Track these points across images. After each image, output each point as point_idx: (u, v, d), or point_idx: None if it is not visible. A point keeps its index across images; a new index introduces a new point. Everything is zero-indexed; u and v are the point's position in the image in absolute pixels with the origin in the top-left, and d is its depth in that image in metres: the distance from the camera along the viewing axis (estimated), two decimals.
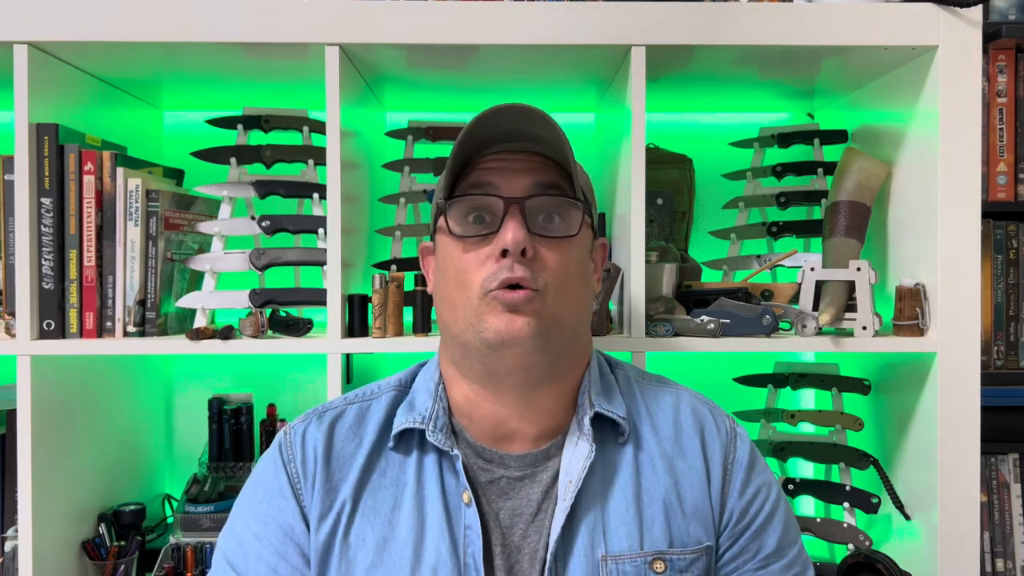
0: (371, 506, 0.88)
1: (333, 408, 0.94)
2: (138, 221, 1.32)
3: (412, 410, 0.91)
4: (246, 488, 0.92)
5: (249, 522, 0.89)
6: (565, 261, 0.85)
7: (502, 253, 0.82)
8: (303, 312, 1.34)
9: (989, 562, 1.47)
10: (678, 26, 1.24)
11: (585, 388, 0.91)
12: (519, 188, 0.85)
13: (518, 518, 0.88)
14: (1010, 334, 1.48)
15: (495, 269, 0.82)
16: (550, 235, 0.85)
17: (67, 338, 1.27)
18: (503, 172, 0.86)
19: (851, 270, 1.32)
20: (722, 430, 0.94)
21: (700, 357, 1.69)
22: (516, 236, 0.81)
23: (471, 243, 0.85)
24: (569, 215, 0.87)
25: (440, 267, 0.89)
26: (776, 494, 0.93)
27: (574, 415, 0.90)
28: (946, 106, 1.24)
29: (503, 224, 0.83)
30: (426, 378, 0.94)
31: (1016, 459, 1.50)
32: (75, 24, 1.22)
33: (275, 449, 0.92)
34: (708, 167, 1.68)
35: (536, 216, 0.85)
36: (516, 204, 0.83)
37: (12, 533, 1.33)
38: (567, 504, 0.85)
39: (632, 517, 0.87)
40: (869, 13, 1.24)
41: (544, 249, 0.84)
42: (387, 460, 0.90)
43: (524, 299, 0.81)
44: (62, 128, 1.27)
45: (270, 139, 1.55)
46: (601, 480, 0.88)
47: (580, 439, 0.88)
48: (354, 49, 1.27)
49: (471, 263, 0.84)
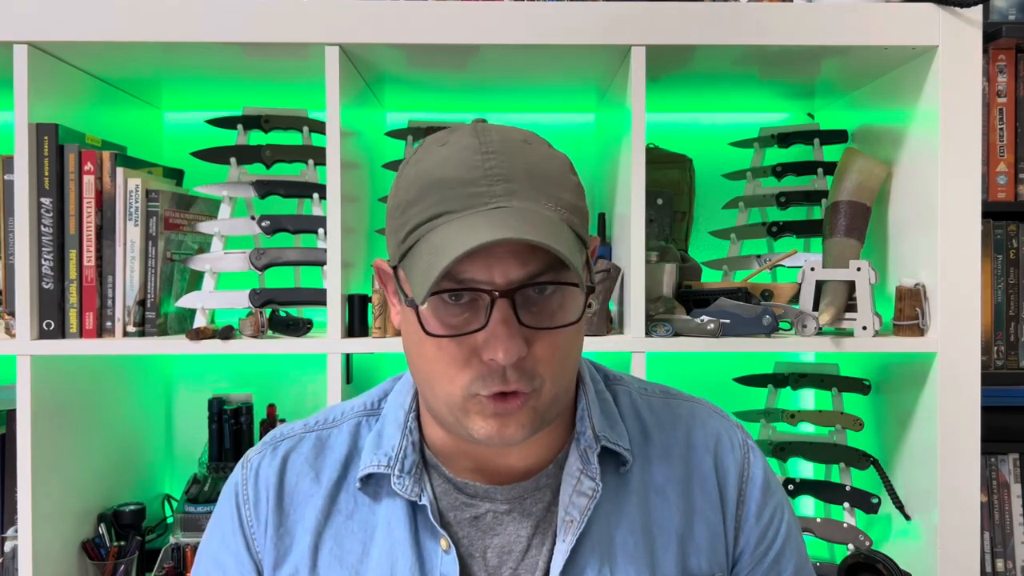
0: (337, 554, 0.78)
1: (290, 437, 0.84)
2: (138, 221, 1.32)
3: (378, 448, 0.80)
4: (212, 519, 0.85)
5: (208, 565, 0.83)
6: (562, 347, 0.72)
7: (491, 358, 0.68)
8: (303, 312, 1.34)
9: (989, 562, 1.47)
10: (678, 26, 1.24)
11: (584, 413, 0.80)
12: (506, 275, 0.68)
13: (507, 556, 0.78)
14: (1010, 334, 1.48)
15: (482, 373, 0.69)
16: (544, 326, 0.70)
17: (67, 338, 1.27)
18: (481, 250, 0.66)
19: (851, 270, 1.32)
20: (736, 445, 0.85)
21: (700, 357, 1.69)
22: (509, 352, 0.67)
23: (449, 340, 0.69)
24: (569, 300, 0.71)
25: (410, 334, 0.74)
26: (789, 515, 0.86)
27: (571, 440, 0.80)
28: (946, 106, 1.24)
29: (489, 324, 0.67)
30: (396, 406, 0.83)
31: (1016, 459, 1.50)
32: (75, 24, 1.22)
33: (231, 487, 0.84)
34: (708, 167, 1.68)
35: (529, 304, 0.69)
36: (505, 298, 0.67)
37: (12, 533, 1.33)
38: (567, 547, 0.76)
39: (642, 552, 0.78)
40: (869, 13, 1.24)
41: (538, 341, 0.70)
42: (355, 501, 0.80)
43: (518, 406, 0.70)
44: (62, 128, 1.26)
45: (270, 139, 1.55)
46: (605, 515, 0.79)
47: (583, 475, 0.78)
48: (354, 49, 1.27)
49: (454, 359, 0.70)
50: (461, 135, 0.72)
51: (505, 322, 0.67)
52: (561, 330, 0.71)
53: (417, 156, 0.73)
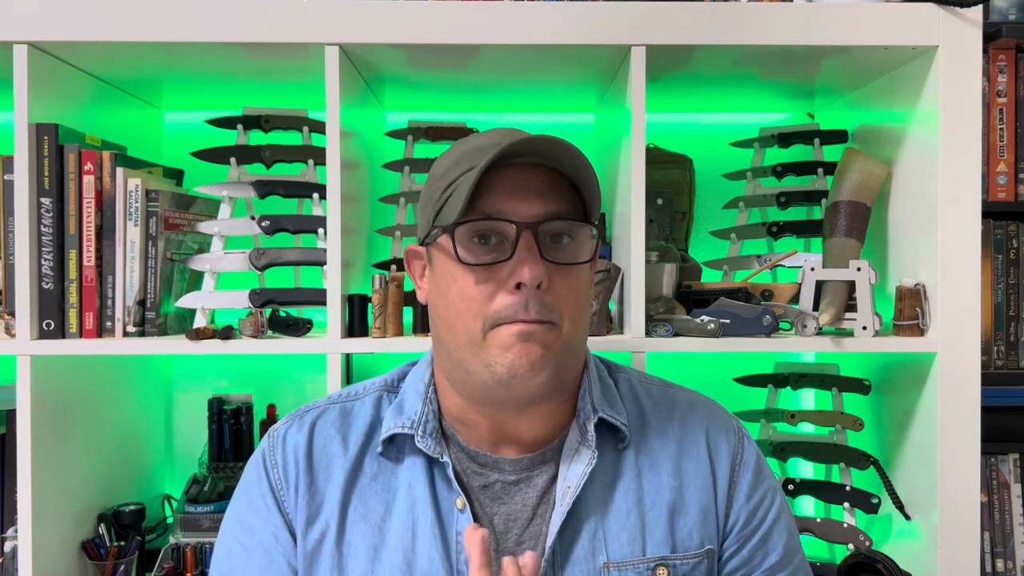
0: (361, 512, 0.85)
1: (315, 408, 0.91)
2: (138, 221, 1.32)
3: (401, 413, 0.87)
4: (236, 493, 0.90)
5: (236, 530, 0.87)
6: (577, 288, 0.82)
7: (516, 285, 0.78)
8: (303, 312, 1.34)
9: (989, 562, 1.47)
10: (678, 26, 1.24)
11: (585, 392, 0.88)
12: (530, 211, 0.79)
13: (513, 523, 0.85)
14: (1010, 334, 1.48)
15: (508, 302, 0.78)
16: (563, 262, 0.80)
17: (67, 338, 1.27)
18: (510, 192, 0.79)
19: (851, 270, 1.32)
20: (730, 431, 0.92)
21: (700, 357, 1.69)
22: (533, 272, 0.77)
23: (479, 270, 0.79)
24: (582, 239, 0.82)
25: (439, 287, 0.83)
26: (781, 500, 0.92)
27: (573, 419, 0.88)
28: (946, 106, 1.24)
29: (516, 253, 0.78)
30: (416, 379, 0.91)
31: (1016, 459, 1.50)
32: (75, 24, 1.22)
33: (258, 455, 0.90)
34: (708, 167, 1.68)
35: (548, 241, 0.80)
36: (529, 230, 0.78)
37: (12, 533, 1.33)
38: (564, 510, 0.83)
39: (634, 522, 0.85)
40: (869, 13, 1.24)
41: (557, 277, 0.80)
42: (378, 464, 0.87)
43: (538, 330, 0.78)
44: (62, 128, 1.26)
45: (270, 139, 1.55)
46: (601, 486, 0.86)
47: (581, 446, 0.85)
48: (354, 49, 1.27)
49: (480, 293, 0.79)
50: (490, 130, 0.85)
51: (529, 249, 0.78)
52: (577, 270, 0.81)
53: (450, 149, 0.86)
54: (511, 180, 0.80)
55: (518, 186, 0.80)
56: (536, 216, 0.79)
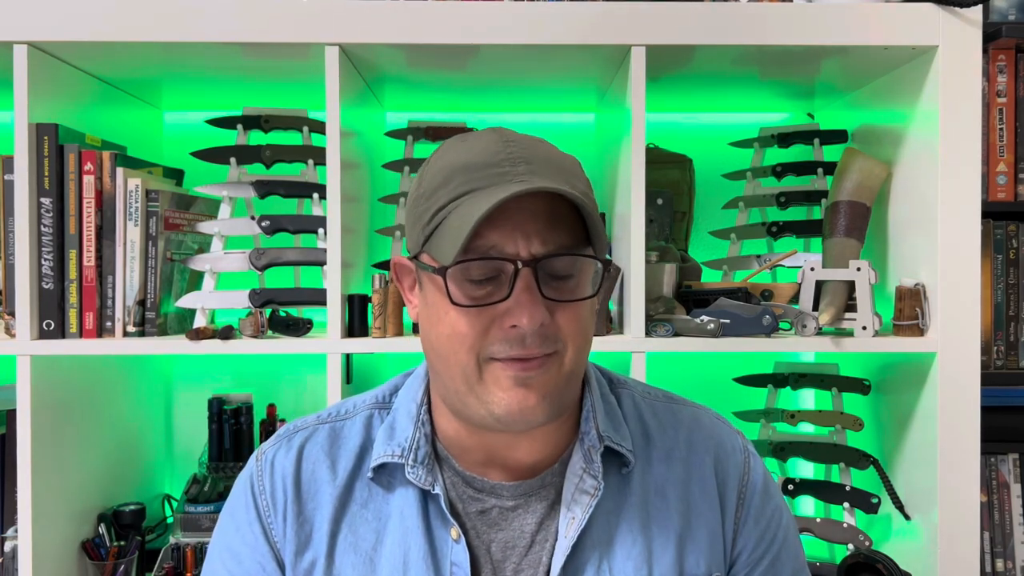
0: (351, 542, 0.81)
1: (304, 428, 0.86)
2: (138, 221, 1.32)
3: (391, 439, 0.82)
4: (223, 513, 0.86)
5: (224, 556, 0.84)
6: (581, 318, 0.75)
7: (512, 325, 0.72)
8: (303, 312, 1.34)
9: (989, 562, 1.47)
10: (678, 26, 1.24)
11: (588, 414, 0.82)
12: (529, 247, 0.71)
13: (511, 551, 0.80)
14: (1010, 334, 1.48)
15: (504, 338, 0.72)
16: (565, 299, 0.73)
17: (67, 338, 1.27)
18: (508, 225, 0.71)
19: (851, 270, 1.32)
20: (736, 450, 0.87)
21: (700, 357, 1.69)
22: (533, 318, 0.71)
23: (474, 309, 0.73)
24: (585, 272, 0.75)
25: (430, 316, 0.77)
26: (788, 518, 0.88)
27: (575, 440, 0.83)
28: (946, 106, 1.24)
29: (513, 293, 0.71)
30: (408, 399, 0.85)
31: (1016, 459, 1.50)
32: (75, 24, 1.22)
33: (247, 477, 0.85)
34: (708, 167, 1.68)
35: (549, 275, 0.73)
36: (528, 267, 0.71)
37: (12, 533, 1.33)
38: (568, 544, 0.78)
39: (640, 551, 0.80)
40: (869, 13, 1.24)
41: (559, 311, 0.73)
42: (368, 490, 0.82)
43: (537, 368, 0.72)
44: (62, 128, 1.26)
45: (270, 139, 1.55)
46: (606, 513, 0.81)
47: (586, 474, 0.80)
48: (354, 49, 1.27)
49: (473, 329, 0.72)
50: (480, 133, 0.77)
51: (528, 290, 0.71)
52: (581, 302, 0.75)
53: (439, 153, 0.77)
54: (507, 209, 0.71)
55: (515, 217, 0.71)
56: (536, 253, 0.72)
